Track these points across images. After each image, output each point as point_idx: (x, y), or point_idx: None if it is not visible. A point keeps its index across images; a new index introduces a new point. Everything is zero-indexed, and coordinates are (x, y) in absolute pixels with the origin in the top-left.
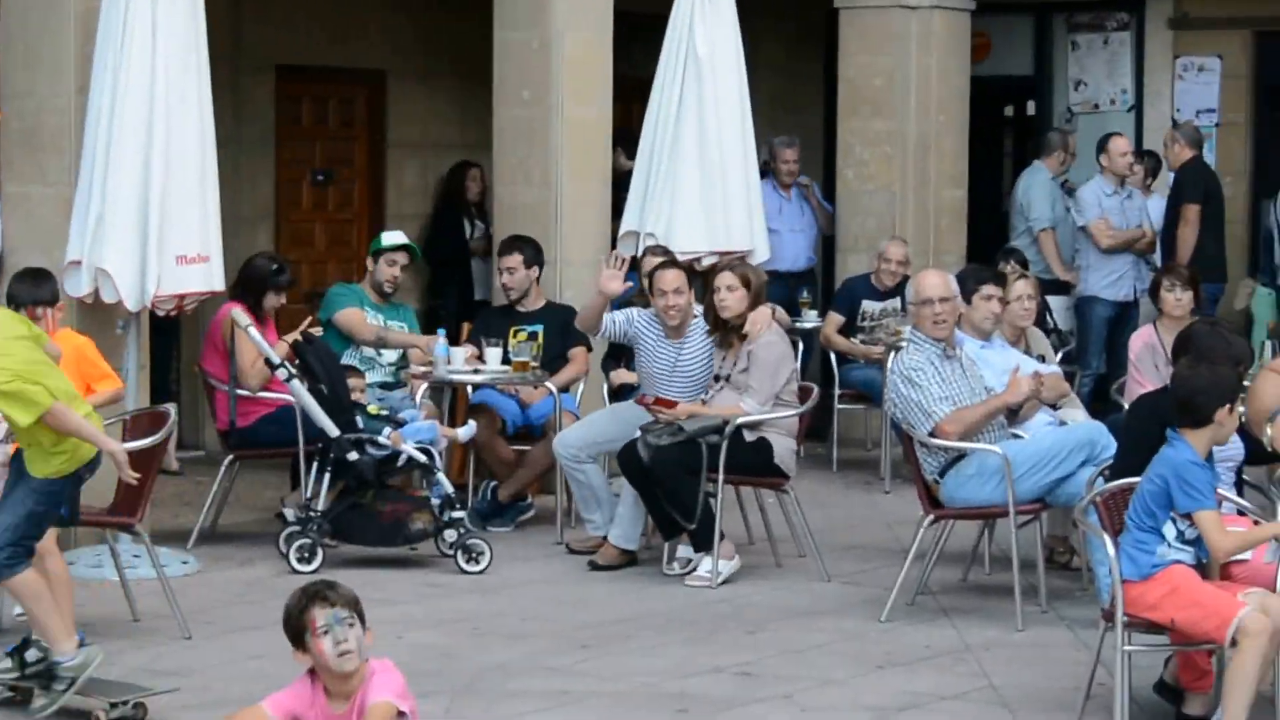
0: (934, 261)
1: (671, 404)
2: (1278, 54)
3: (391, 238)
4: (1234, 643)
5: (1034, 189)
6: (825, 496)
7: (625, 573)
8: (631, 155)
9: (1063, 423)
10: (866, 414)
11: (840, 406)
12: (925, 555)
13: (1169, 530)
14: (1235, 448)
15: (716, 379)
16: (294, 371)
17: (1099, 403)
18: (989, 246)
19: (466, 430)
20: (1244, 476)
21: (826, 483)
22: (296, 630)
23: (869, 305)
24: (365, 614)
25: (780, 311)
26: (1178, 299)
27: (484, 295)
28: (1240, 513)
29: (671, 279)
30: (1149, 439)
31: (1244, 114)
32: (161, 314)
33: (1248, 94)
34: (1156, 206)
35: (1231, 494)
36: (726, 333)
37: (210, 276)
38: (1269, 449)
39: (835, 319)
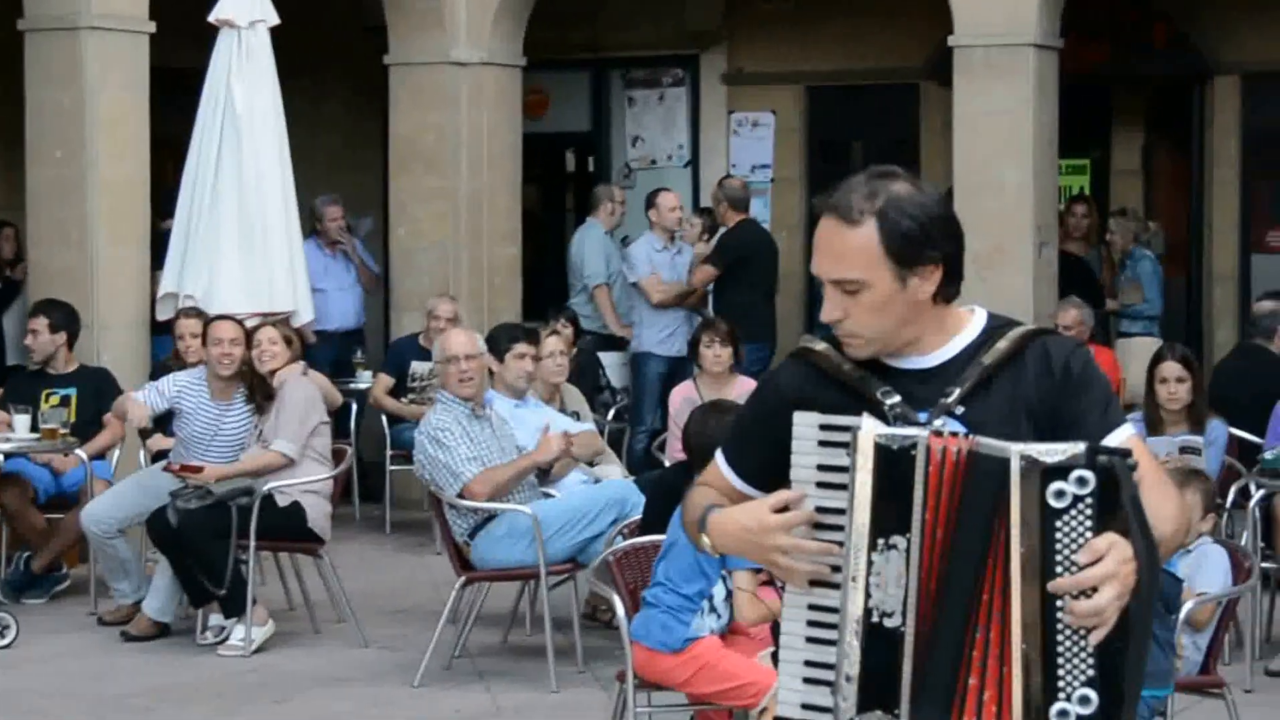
0: (489, 319)
1: (198, 469)
2: (829, 108)
3: None
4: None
5: (586, 245)
6: (375, 559)
7: (158, 643)
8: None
9: (598, 480)
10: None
11: (393, 468)
12: (461, 618)
13: (719, 590)
14: None
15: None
16: None
17: (651, 459)
18: (554, 303)
19: None
20: None
21: (378, 544)
22: None
23: (418, 366)
24: None
25: (313, 373)
26: (716, 355)
27: (18, 359)
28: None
29: (228, 329)
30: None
31: (798, 168)
32: None
33: (801, 148)
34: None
35: None
36: (264, 394)
37: None
38: None
39: (385, 380)
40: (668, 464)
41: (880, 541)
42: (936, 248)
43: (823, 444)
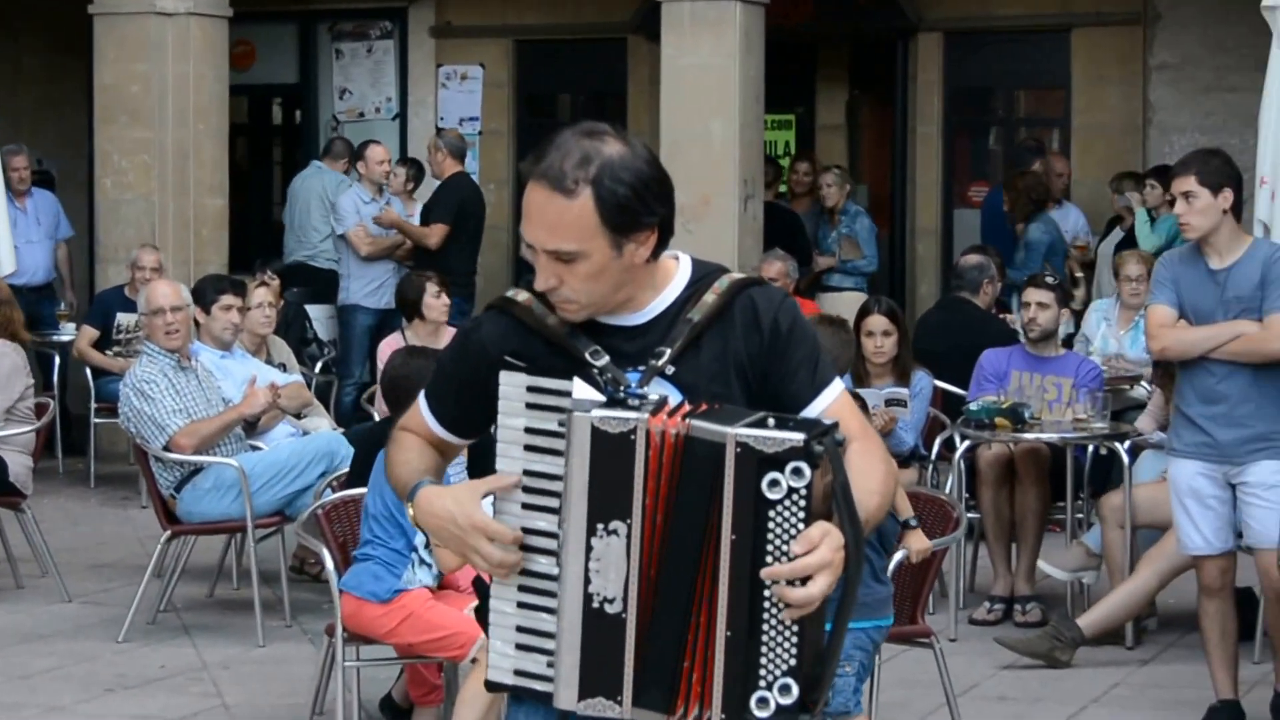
0: (195, 271)
1: None
2: (537, 63)
3: None
4: (475, 659)
5: (335, 192)
6: (79, 513)
7: None
8: None
9: (306, 433)
10: None
11: (97, 421)
12: (167, 572)
13: (420, 538)
14: None
15: None
16: None
17: (360, 412)
18: (261, 255)
19: None
20: None
21: (82, 498)
22: None
23: (123, 318)
24: None
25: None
26: (444, 304)
27: None
28: None
29: None
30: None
31: (506, 121)
32: None
33: (509, 102)
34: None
35: None
36: None
37: None
38: None
39: (89, 332)
40: (378, 417)
41: (600, 527)
42: (653, 212)
43: (530, 406)
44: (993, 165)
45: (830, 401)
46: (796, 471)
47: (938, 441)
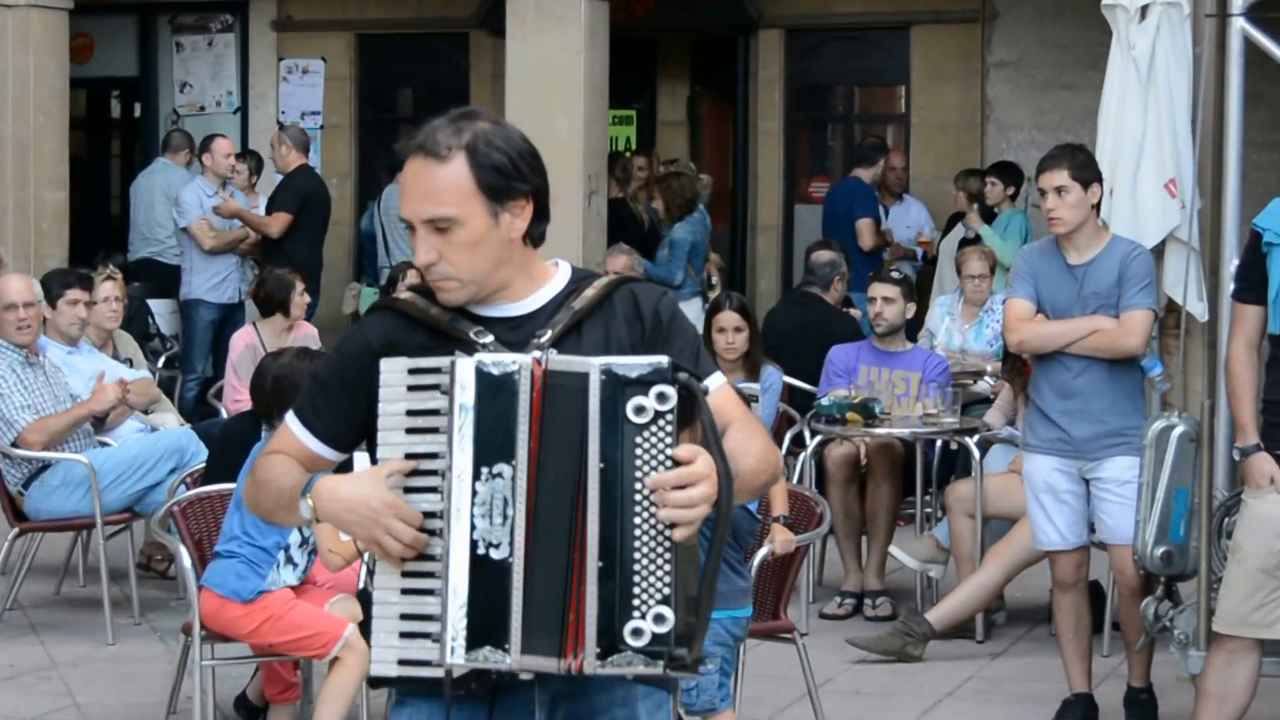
0: (36, 266)
1: None
2: (378, 57)
3: None
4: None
5: (180, 187)
6: None
7: None
8: None
9: (154, 429)
10: None
11: None
12: (13, 570)
13: (295, 537)
14: None
15: None
16: None
17: (203, 406)
18: (102, 249)
19: None
20: None
21: None
22: None
23: None
24: None
25: None
26: (307, 301)
27: None
28: None
29: None
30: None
31: (348, 116)
32: None
33: (351, 96)
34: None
35: None
36: None
37: None
38: None
39: None
40: (225, 412)
41: (485, 471)
42: (526, 181)
43: (412, 388)
44: (833, 161)
45: (712, 391)
46: (661, 396)
47: (788, 437)
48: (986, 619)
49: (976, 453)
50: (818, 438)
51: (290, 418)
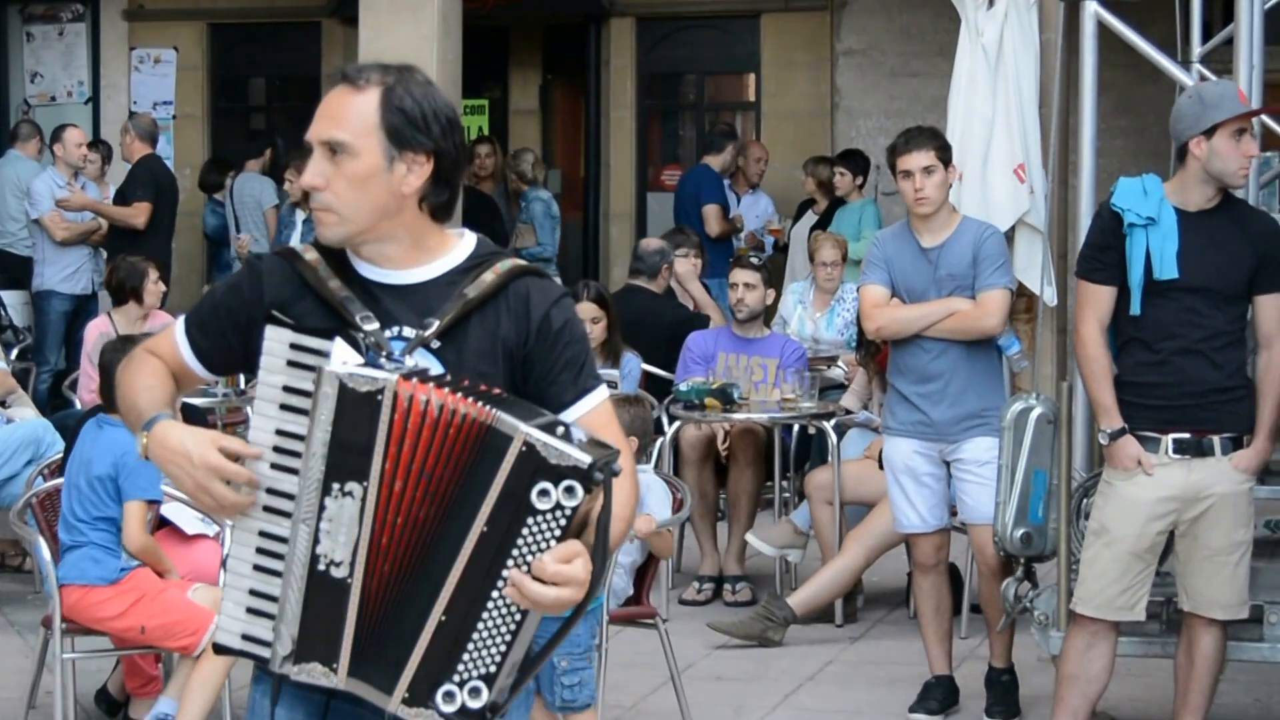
0: None
1: None
2: (230, 46)
3: None
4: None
5: (31, 179)
6: None
7: None
8: None
9: (10, 421)
10: None
11: None
12: None
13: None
14: None
15: None
16: None
17: (57, 399)
18: None
19: None
20: None
21: None
22: None
23: None
24: None
25: None
26: (162, 289)
27: None
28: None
29: None
30: None
31: (200, 105)
32: None
33: (204, 86)
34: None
35: None
36: None
37: None
38: None
39: None
40: (80, 403)
41: (335, 486)
42: (431, 136)
43: (291, 364)
44: (685, 149)
45: (590, 408)
46: (569, 490)
47: None
48: (846, 603)
49: (834, 437)
50: (676, 423)
51: (178, 325)
